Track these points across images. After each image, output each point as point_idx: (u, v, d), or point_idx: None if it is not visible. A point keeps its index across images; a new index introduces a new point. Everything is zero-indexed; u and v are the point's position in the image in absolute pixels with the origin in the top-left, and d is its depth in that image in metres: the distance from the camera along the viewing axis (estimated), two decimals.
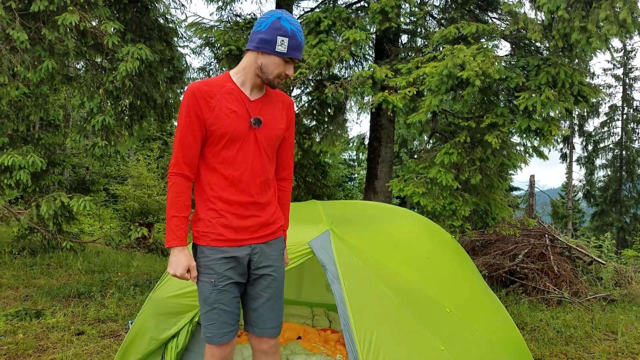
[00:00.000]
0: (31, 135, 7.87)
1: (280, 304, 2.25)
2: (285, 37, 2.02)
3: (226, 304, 2.13)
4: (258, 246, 2.19)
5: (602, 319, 5.60)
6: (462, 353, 2.61)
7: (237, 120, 2.08)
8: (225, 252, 2.12)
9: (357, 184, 23.06)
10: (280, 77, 2.10)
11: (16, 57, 5.68)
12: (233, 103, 2.09)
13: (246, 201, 2.13)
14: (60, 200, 5.83)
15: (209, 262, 2.12)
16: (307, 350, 3.57)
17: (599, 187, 22.57)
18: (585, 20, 4.56)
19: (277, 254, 2.26)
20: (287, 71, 2.10)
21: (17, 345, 3.87)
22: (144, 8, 6.94)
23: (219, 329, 2.13)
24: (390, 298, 2.67)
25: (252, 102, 2.14)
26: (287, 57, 2.05)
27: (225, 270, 2.12)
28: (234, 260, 2.14)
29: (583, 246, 8.01)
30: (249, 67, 2.11)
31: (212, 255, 2.12)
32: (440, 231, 3.84)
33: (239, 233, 2.14)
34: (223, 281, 2.11)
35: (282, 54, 2.04)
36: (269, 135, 2.15)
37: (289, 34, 2.03)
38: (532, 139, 5.31)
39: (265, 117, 2.15)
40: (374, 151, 6.80)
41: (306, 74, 5.22)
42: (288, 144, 2.32)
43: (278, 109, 2.22)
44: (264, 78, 2.09)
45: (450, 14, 6.31)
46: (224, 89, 2.10)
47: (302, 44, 2.08)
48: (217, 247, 2.12)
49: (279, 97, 2.26)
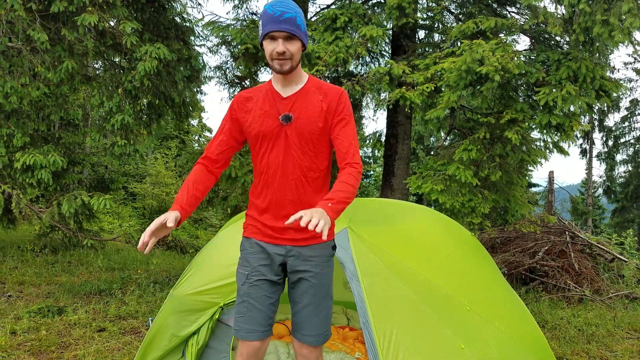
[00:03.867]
0: (52, 135, 7.99)
1: (322, 312, 2.15)
2: (260, 20, 2.02)
3: (256, 300, 2.11)
4: (294, 249, 2.14)
5: (624, 317, 5.50)
6: (482, 351, 2.58)
7: (267, 119, 2.09)
8: (261, 246, 2.15)
9: (373, 181, 22.98)
10: (273, 57, 2.01)
11: (37, 58, 5.76)
12: (266, 103, 2.11)
13: (281, 200, 2.12)
14: (81, 199, 5.91)
15: (247, 255, 2.18)
16: (325, 348, 3.57)
17: (619, 183, 22.16)
18: (607, 13, 4.48)
19: (318, 259, 2.15)
20: (276, 49, 1.98)
21: (40, 341, 3.94)
22: (161, 7, 6.99)
23: (246, 324, 2.11)
24: (409, 296, 2.65)
25: (285, 99, 2.11)
26: (265, 35, 2.00)
27: (259, 265, 2.14)
28: (269, 258, 2.14)
29: (604, 243, 7.88)
30: None
31: (249, 247, 2.18)
32: (459, 228, 3.80)
33: (276, 231, 2.14)
34: (255, 275, 2.13)
35: (261, 35, 2.02)
36: (301, 130, 2.08)
37: (261, 15, 2.02)
38: (552, 135, 5.24)
39: (298, 112, 2.09)
40: (390, 148, 6.77)
41: (323, 72, 5.20)
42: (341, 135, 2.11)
43: (315, 101, 2.11)
44: (270, 66, 2.07)
45: (468, 9, 6.24)
46: (263, 92, 2.15)
47: (275, 15, 1.95)
48: (254, 239, 2.17)
49: (321, 88, 2.15)
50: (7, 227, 7.33)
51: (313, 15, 7.13)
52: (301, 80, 2.14)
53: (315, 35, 5.64)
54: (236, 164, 5.60)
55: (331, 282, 2.20)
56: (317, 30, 5.70)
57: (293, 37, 1.99)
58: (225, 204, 7.61)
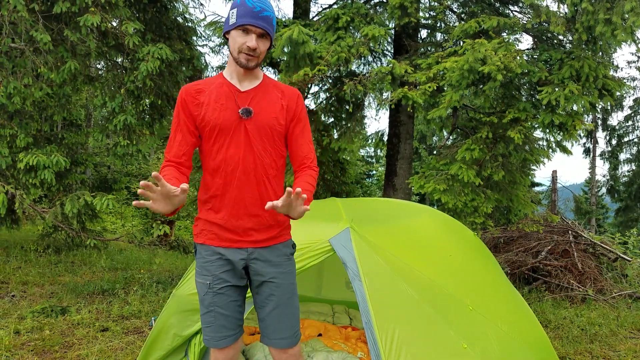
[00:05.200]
0: (54, 135, 8.01)
1: (289, 312, 2.10)
2: (235, 8, 1.95)
3: (223, 308, 2.05)
4: (256, 251, 2.07)
5: (627, 316, 5.49)
6: (485, 351, 2.58)
7: (224, 112, 1.99)
8: (220, 253, 2.05)
9: (375, 180, 22.98)
10: (243, 52, 1.96)
11: (39, 58, 5.78)
12: (222, 96, 2.01)
13: (241, 198, 2.02)
14: (84, 199, 5.93)
15: (205, 263, 2.06)
16: (328, 348, 3.57)
17: (623, 182, 22.08)
18: (610, 12, 4.46)
19: (280, 259, 2.11)
20: (248, 42, 1.93)
21: (43, 341, 3.95)
22: (164, 8, 7.00)
23: (215, 332, 2.05)
24: (411, 295, 2.65)
25: (243, 93, 2.04)
26: (239, 27, 1.93)
27: (221, 272, 2.04)
28: (229, 263, 2.05)
29: (608, 242, 7.85)
30: (229, 57, 2.05)
31: (207, 255, 2.06)
32: (461, 228, 3.80)
33: (234, 233, 2.04)
34: (219, 284, 2.03)
35: (234, 24, 1.94)
36: (261, 125, 2.02)
37: (237, 4, 1.94)
38: (555, 134, 5.23)
39: (258, 107, 2.03)
40: (393, 148, 6.77)
41: (324, 71, 5.20)
42: (300, 139, 2.14)
43: (274, 97, 2.08)
44: (234, 59, 1.99)
45: (470, 8, 6.23)
46: (214, 84, 2.04)
47: (255, 9, 1.92)
48: (211, 246, 2.05)
49: (278, 87, 2.13)
50: (11, 227, 7.35)
51: (315, 14, 7.13)
52: (258, 76, 2.10)
53: (317, 35, 5.64)
54: None
55: (295, 281, 2.17)
56: (319, 29, 5.69)
57: (266, 35, 1.98)
58: None
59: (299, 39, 4.97)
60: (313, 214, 3.38)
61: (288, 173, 5.43)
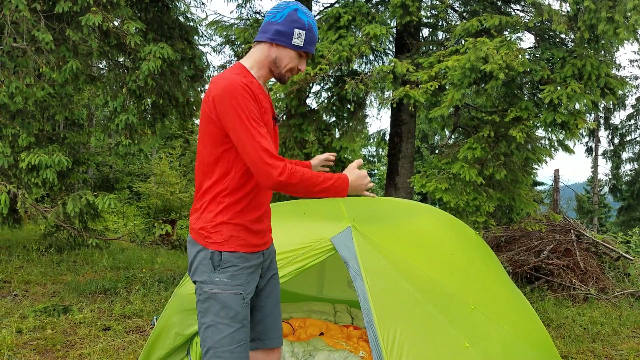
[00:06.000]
0: (56, 135, 8.02)
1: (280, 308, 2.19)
2: (303, 30, 1.93)
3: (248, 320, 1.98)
4: (267, 250, 2.11)
5: (630, 315, 5.48)
6: (487, 350, 2.57)
7: (269, 117, 1.97)
8: (251, 259, 1.96)
9: (376, 180, 22.97)
10: (292, 72, 2.01)
11: (41, 58, 5.79)
12: (265, 100, 1.96)
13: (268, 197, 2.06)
14: (86, 199, 5.94)
15: (238, 272, 1.91)
16: (329, 347, 3.57)
17: (625, 181, 22.05)
18: (612, 10, 4.45)
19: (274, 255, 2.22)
20: (300, 65, 2.00)
21: (45, 340, 3.96)
22: (165, 7, 7.01)
23: (246, 352, 1.91)
24: (413, 294, 2.64)
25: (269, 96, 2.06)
26: (302, 51, 1.97)
27: (251, 281, 1.97)
28: (258, 269, 2.02)
29: (610, 242, 7.84)
30: (264, 61, 1.98)
31: (240, 263, 1.91)
32: (463, 227, 3.79)
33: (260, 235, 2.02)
34: (250, 294, 1.95)
35: (299, 47, 1.94)
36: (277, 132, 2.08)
37: (305, 27, 1.94)
38: (557, 133, 5.22)
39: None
40: (394, 147, 6.76)
41: (326, 70, 5.20)
42: None
43: None
44: (276, 72, 1.99)
45: (472, 7, 6.22)
46: (254, 84, 1.91)
47: (317, 39, 2.01)
48: (244, 253, 1.93)
49: None
50: (13, 226, 7.37)
51: (317, 13, 7.12)
52: None
53: (318, 34, 5.64)
54: None
55: None
56: (321, 28, 5.69)
57: None
58: None
59: None
60: (315, 213, 3.38)
61: None
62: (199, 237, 1.91)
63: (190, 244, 1.97)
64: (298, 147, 6.05)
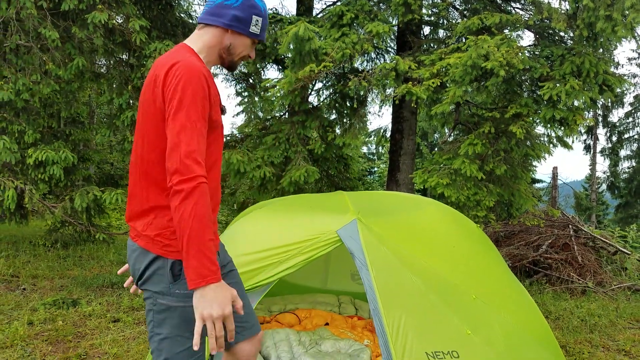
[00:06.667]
0: (61, 132, 8.10)
1: None
2: (260, 17, 1.80)
3: None
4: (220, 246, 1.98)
5: (626, 307, 5.59)
6: (488, 337, 2.67)
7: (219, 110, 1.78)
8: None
9: (377, 177, 23.05)
10: (243, 59, 1.87)
11: (47, 55, 5.87)
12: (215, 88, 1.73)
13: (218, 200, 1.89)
14: (93, 194, 6.03)
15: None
16: (335, 336, 3.67)
17: (623, 179, 22.16)
18: (611, 8, 4.55)
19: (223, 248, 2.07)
20: (250, 53, 1.87)
21: (57, 331, 4.05)
22: (168, 5, 7.09)
23: None
24: (417, 284, 2.74)
25: None
26: (257, 39, 1.85)
27: None
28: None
29: (607, 236, 7.95)
30: (215, 47, 1.79)
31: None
32: (465, 220, 3.89)
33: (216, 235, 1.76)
34: None
35: (255, 35, 1.82)
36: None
37: (262, 14, 1.81)
38: (556, 129, 5.31)
39: None
40: (396, 143, 6.86)
41: (330, 68, 5.29)
42: None
43: None
44: (228, 60, 1.83)
45: (473, 5, 6.31)
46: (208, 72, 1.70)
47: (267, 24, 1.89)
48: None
49: None
50: (20, 222, 7.45)
51: (319, 12, 7.21)
52: None
53: (321, 32, 5.72)
54: (244, 158, 5.69)
55: None
56: (324, 26, 5.77)
57: None
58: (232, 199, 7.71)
59: (305, 35, 5.05)
60: (320, 206, 3.48)
61: None
62: (154, 245, 1.66)
63: (139, 253, 1.69)
64: (301, 144, 6.14)
